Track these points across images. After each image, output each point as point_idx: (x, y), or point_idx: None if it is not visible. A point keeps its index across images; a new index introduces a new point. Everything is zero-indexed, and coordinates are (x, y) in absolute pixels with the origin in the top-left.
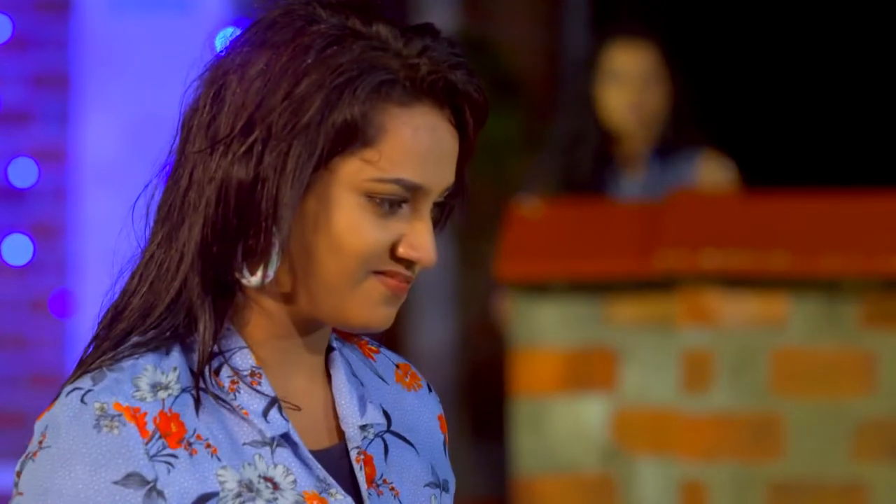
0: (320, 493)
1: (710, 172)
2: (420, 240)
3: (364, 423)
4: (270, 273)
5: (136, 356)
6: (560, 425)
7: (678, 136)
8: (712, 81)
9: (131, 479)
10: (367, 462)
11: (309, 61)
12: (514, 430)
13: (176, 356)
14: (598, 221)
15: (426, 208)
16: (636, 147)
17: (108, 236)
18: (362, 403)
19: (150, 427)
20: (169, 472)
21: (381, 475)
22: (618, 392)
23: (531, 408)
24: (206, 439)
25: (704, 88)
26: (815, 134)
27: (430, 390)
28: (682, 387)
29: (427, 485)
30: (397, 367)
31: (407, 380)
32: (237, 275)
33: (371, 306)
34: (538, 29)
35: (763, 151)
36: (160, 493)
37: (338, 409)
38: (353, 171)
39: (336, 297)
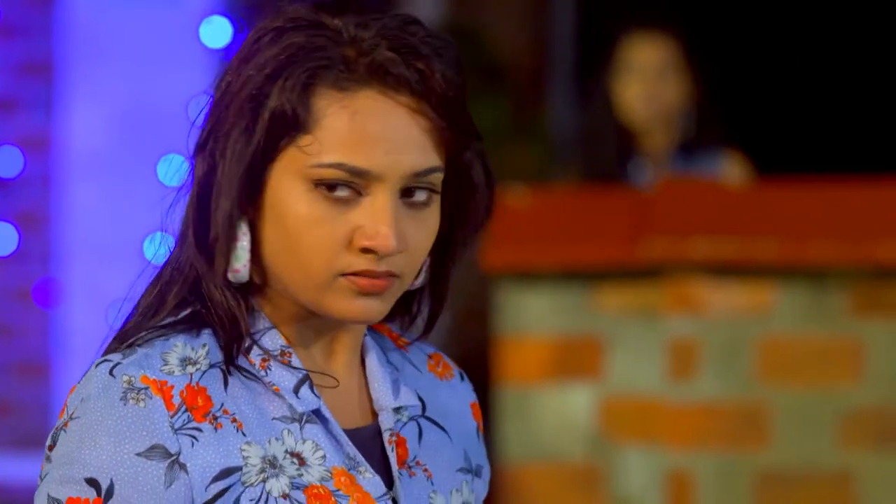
0: (349, 470)
1: (733, 173)
2: (374, 226)
3: (398, 406)
4: (239, 268)
5: (167, 336)
6: (546, 414)
7: (701, 133)
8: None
9: (155, 451)
10: (400, 444)
11: (251, 55)
12: (500, 418)
13: (206, 335)
14: (585, 210)
15: (384, 194)
16: (658, 142)
17: (94, 225)
18: (396, 387)
19: (177, 400)
20: (193, 445)
21: (415, 457)
22: (604, 381)
23: (517, 396)
24: (233, 414)
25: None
26: (802, 122)
27: (462, 379)
28: (669, 376)
29: (459, 469)
30: (429, 357)
31: (439, 369)
32: (216, 271)
33: (347, 301)
34: (525, 17)
35: (751, 140)
36: (182, 466)
37: (371, 391)
38: (294, 159)
39: (312, 294)
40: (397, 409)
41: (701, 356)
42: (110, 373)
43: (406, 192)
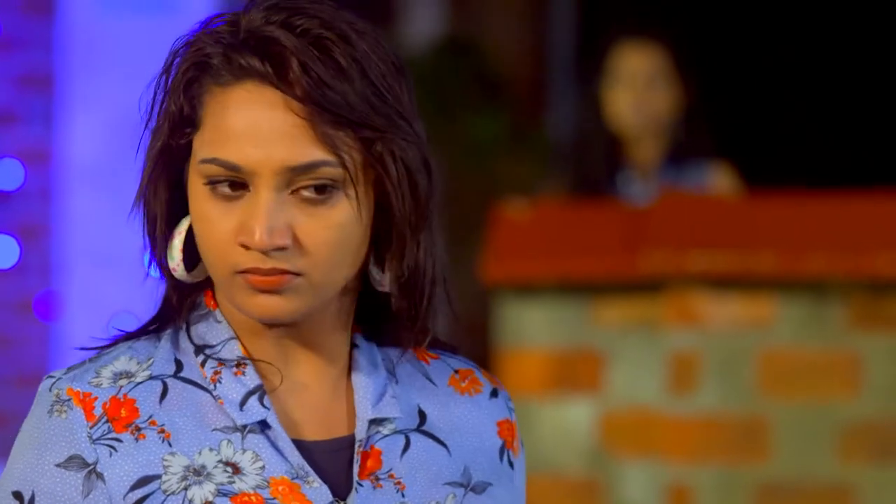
0: (292, 479)
1: (722, 183)
2: (249, 221)
3: (375, 418)
4: (174, 267)
5: (119, 348)
6: (546, 427)
7: (690, 142)
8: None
9: (73, 461)
10: (372, 455)
11: (177, 51)
12: None
13: (162, 345)
14: (584, 223)
15: (261, 189)
16: (647, 152)
17: (94, 237)
18: (380, 399)
19: (98, 411)
20: (111, 455)
21: (389, 470)
22: (604, 394)
23: (517, 409)
24: (162, 425)
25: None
26: (801, 134)
27: (494, 396)
28: (669, 388)
29: (448, 483)
30: (455, 371)
31: (463, 384)
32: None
33: (249, 299)
34: (524, 29)
35: (749, 152)
36: (100, 476)
37: (354, 403)
38: (193, 157)
39: (226, 293)
40: (378, 422)
41: (700, 369)
42: (49, 388)
43: (297, 188)
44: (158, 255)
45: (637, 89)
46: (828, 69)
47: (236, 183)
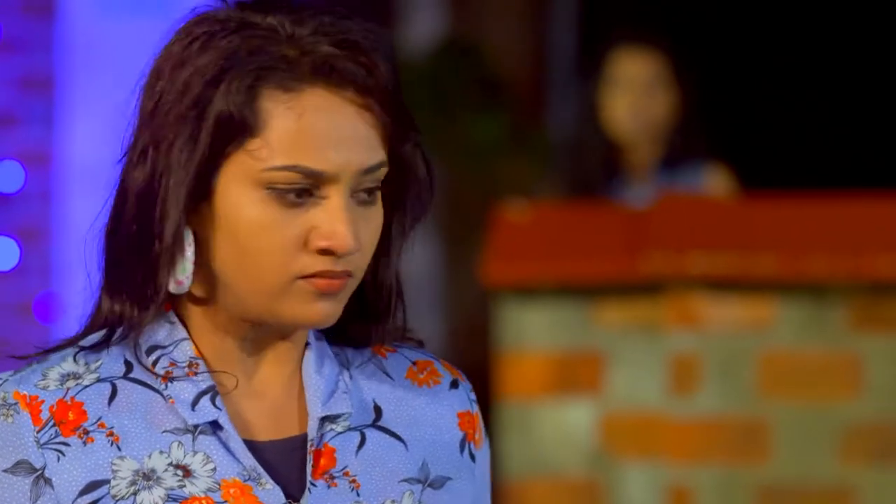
0: (245, 481)
1: (717, 186)
2: (331, 226)
3: (326, 415)
4: (183, 280)
5: (67, 350)
6: (547, 429)
7: (686, 145)
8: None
9: (20, 466)
10: (325, 454)
11: (185, 60)
12: (501, 433)
13: (114, 348)
14: (584, 225)
15: (338, 194)
16: (643, 156)
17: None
18: (330, 396)
19: (45, 415)
20: (59, 459)
21: (345, 467)
22: (605, 396)
23: (518, 411)
24: (111, 428)
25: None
26: (801, 136)
27: (454, 387)
28: (669, 390)
29: (405, 480)
30: (413, 363)
31: (421, 376)
32: (159, 283)
33: (306, 305)
34: (525, 30)
35: (749, 154)
36: (48, 481)
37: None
38: (243, 164)
39: (266, 301)
40: (330, 419)
41: (701, 371)
42: None
43: (358, 190)
44: (164, 266)
45: (635, 94)
46: (826, 72)
47: (303, 189)
